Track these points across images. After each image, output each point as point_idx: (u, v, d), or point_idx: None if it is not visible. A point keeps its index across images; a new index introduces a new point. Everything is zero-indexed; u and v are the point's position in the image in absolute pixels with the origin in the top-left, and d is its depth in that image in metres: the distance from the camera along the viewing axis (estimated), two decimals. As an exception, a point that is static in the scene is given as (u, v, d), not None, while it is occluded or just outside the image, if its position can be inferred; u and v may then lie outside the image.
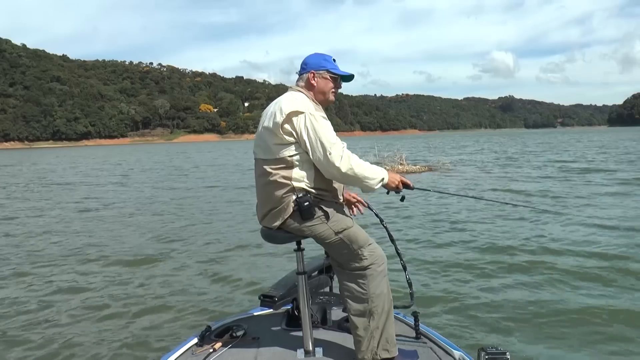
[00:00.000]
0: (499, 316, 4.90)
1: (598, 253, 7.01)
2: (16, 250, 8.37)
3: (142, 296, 5.81)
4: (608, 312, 4.88)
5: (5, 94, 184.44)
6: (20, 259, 7.74)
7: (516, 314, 4.95)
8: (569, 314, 4.90)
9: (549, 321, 4.76)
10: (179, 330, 4.72)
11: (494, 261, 6.84)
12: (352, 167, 2.56)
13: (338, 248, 2.71)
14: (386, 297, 2.71)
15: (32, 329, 4.88)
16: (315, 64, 2.80)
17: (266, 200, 2.69)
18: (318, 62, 2.81)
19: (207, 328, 3.03)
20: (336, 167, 2.54)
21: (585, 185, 15.42)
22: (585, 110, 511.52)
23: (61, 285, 6.32)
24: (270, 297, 2.94)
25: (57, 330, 4.82)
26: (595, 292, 5.50)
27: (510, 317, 4.86)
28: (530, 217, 9.86)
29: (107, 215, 12.34)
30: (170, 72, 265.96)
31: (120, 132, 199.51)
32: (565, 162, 25.66)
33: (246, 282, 6.24)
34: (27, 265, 7.39)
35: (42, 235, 9.83)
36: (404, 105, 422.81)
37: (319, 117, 2.60)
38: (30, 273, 6.94)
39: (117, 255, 7.87)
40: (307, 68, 2.79)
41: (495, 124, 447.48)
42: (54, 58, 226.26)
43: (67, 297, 5.86)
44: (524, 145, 53.60)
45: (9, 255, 8.05)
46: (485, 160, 30.26)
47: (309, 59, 2.83)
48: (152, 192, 17.76)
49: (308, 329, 2.73)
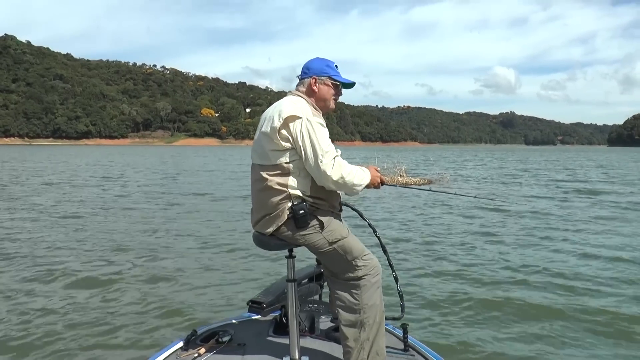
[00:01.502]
0: (489, 330, 4.85)
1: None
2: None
3: (127, 298, 5.71)
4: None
5: (8, 89, 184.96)
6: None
7: (507, 328, 4.90)
8: (563, 329, 4.88)
9: (540, 335, 4.73)
10: (164, 334, 4.65)
11: (484, 273, 6.81)
12: (343, 176, 2.52)
13: (332, 258, 2.67)
14: (378, 308, 2.68)
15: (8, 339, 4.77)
16: (318, 70, 2.75)
17: (261, 206, 2.65)
18: (320, 68, 2.76)
19: (192, 332, 2.99)
20: (327, 175, 2.50)
21: (584, 209, 14.16)
22: (586, 129, 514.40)
23: (40, 286, 6.22)
24: (258, 303, 2.90)
25: (38, 334, 4.71)
26: (581, 300, 5.46)
27: (500, 332, 4.81)
28: (523, 227, 9.85)
29: (88, 217, 11.94)
30: (173, 75, 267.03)
31: (121, 132, 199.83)
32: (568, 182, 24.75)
33: (234, 288, 6.16)
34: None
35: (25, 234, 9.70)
36: (405, 117, 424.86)
37: (316, 123, 2.55)
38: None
39: (102, 257, 7.71)
40: (309, 73, 2.74)
41: (495, 140, 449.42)
42: (57, 56, 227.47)
43: (48, 300, 5.73)
44: (531, 162, 52.84)
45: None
46: (486, 175, 29.96)
47: (312, 63, 2.78)
48: (140, 194, 17.46)
49: (295, 337, 2.70)
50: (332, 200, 2.68)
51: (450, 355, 4.06)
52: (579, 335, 4.74)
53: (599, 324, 4.98)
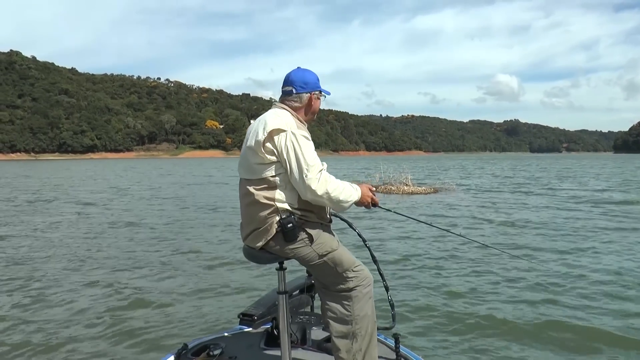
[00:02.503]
0: (481, 339, 4.83)
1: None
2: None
3: (117, 312, 5.68)
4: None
5: (14, 105, 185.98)
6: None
7: (499, 336, 4.88)
8: (557, 331, 4.90)
9: (533, 341, 4.70)
10: (155, 348, 4.62)
11: (476, 281, 6.81)
12: (327, 192, 2.52)
13: (322, 270, 2.67)
14: (370, 319, 2.68)
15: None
16: (314, 85, 2.78)
17: (250, 220, 2.65)
18: (315, 83, 2.79)
19: (183, 346, 2.99)
20: (312, 189, 2.49)
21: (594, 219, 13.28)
22: (591, 136, 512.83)
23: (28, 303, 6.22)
24: (249, 315, 2.91)
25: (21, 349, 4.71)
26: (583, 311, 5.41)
27: (493, 339, 4.79)
28: (520, 234, 9.77)
29: (78, 229, 12.08)
30: (177, 87, 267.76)
31: (126, 146, 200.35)
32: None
33: (225, 300, 6.14)
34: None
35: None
36: (409, 126, 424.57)
37: (301, 136, 2.56)
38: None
39: (91, 271, 7.71)
40: (307, 88, 2.75)
41: (500, 148, 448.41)
42: (62, 71, 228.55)
43: (40, 312, 5.75)
44: (541, 170, 51.15)
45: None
46: (492, 184, 29.30)
47: (308, 78, 2.78)
48: (135, 205, 17.62)
49: (287, 349, 2.69)
50: (320, 212, 2.67)
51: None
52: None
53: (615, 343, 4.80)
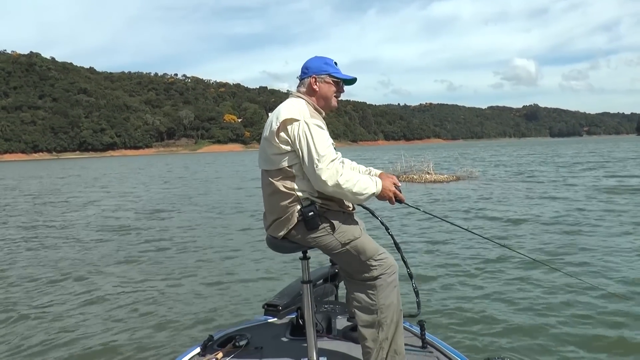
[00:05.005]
0: (506, 326, 4.76)
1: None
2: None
3: (143, 306, 5.73)
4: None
5: (35, 106, 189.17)
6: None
7: (525, 324, 4.80)
8: (582, 328, 4.72)
9: (559, 332, 4.60)
10: (181, 340, 4.65)
11: (503, 271, 6.66)
12: (339, 183, 2.46)
13: (346, 259, 2.64)
14: (396, 307, 2.65)
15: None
16: (317, 68, 2.73)
17: (271, 209, 2.64)
18: (319, 66, 2.74)
19: (209, 338, 3.00)
20: (322, 180, 2.45)
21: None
22: (613, 119, 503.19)
23: (61, 297, 6.30)
24: (274, 305, 2.90)
25: (55, 341, 4.78)
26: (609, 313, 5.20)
27: (518, 328, 4.71)
28: (554, 223, 9.64)
29: (103, 225, 12.22)
30: (195, 83, 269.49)
31: (145, 142, 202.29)
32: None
33: (250, 291, 6.16)
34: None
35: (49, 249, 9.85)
36: (428, 115, 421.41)
37: (313, 125, 2.52)
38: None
39: (115, 264, 7.82)
40: (309, 72, 2.72)
41: (520, 133, 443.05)
42: (81, 70, 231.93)
43: (67, 307, 5.82)
44: (574, 155, 47.27)
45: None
46: (516, 171, 27.74)
47: (310, 62, 2.76)
48: (152, 199, 17.76)
49: (312, 339, 2.68)
50: (342, 201, 2.64)
51: (468, 351, 4.00)
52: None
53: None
